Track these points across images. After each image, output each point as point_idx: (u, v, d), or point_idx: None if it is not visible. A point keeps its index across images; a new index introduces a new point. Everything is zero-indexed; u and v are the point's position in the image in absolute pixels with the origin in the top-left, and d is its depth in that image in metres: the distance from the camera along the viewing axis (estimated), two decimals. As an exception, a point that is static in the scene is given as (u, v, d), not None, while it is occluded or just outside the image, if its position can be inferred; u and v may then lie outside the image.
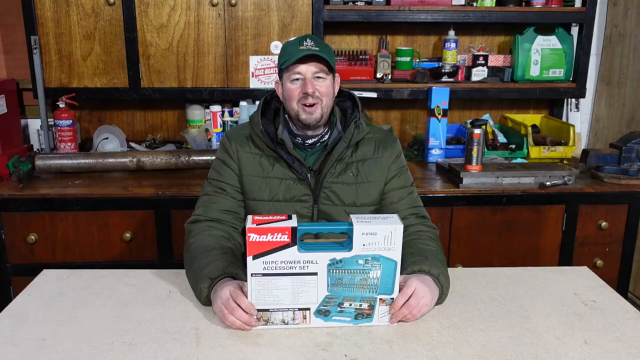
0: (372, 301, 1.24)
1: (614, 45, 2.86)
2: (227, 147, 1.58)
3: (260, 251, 1.18)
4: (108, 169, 2.38)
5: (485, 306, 1.32)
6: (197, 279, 1.33)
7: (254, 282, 1.21)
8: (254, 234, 1.16)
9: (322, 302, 1.23)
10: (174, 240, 2.24)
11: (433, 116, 2.58)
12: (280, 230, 1.16)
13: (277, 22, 2.46)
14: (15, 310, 1.29)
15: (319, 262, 1.19)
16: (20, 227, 2.18)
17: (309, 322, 1.25)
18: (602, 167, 2.39)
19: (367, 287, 1.23)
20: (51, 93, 2.48)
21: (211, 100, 2.63)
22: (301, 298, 1.22)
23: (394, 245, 1.20)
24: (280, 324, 1.25)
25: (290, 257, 1.19)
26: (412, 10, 2.52)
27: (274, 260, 1.19)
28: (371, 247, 1.19)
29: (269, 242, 1.17)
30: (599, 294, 1.39)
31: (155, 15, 2.42)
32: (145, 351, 1.13)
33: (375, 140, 1.58)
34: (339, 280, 1.21)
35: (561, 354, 1.13)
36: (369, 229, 1.18)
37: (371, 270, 1.21)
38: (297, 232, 1.17)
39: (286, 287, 1.21)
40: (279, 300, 1.23)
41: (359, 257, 1.20)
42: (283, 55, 1.51)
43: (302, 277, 1.21)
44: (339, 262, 1.20)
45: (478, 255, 2.32)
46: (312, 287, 1.22)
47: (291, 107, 1.51)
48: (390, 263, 1.21)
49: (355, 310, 1.24)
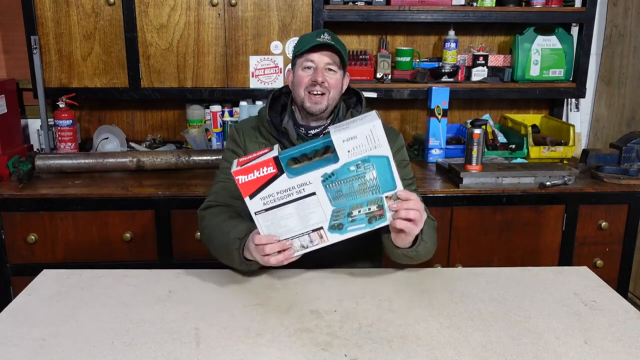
0: (379, 201, 1.23)
1: (614, 45, 2.86)
2: (236, 138, 1.64)
3: (253, 189, 1.19)
4: (108, 169, 2.38)
5: (485, 306, 1.32)
6: (226, 246, 1.37)
7: (260, 219, 1.23)
8: (241, 175, 1.18)
9: (331, 218, 1.23)
10: (174, 240, 2.24)
11: (433, 116, 2.58)
12: (263, 164, 1.17)
13: (277, 22, 2.46)
14: (15, 310, 1.29)
15: (312, 181, 1.19)
16: (20, 227, 2.18)
17: (327, 240, 1.26)
18: (602, 167, 2.39)
19: (368, 190, 1.21)
20: (51, 93, 2.48)
21: (211, 100, 2.63)
22: (310, 220, 1.23)
23: (378, 142, 1.17)
24: (300, 249, 1.27)
25: (284, 186, 1.19)
26: (412, 10, 2.52)
27: (270, 194, 1.20)
28: (357, 151, 1.17)
29: (257, 178, 1.18)
30: (599, 294, 1.39)
31: (155, 15, 2.42)
32: (145, 351, 1.13)
33: None
34: (339, 192, 1.21)
35: (561, 354, 1.13)
36: (347, 134, 1.16)
37: (366, 173, 1.20)
38: (280, 161, 1.17)
39: (292, 215, 1.22)
40: (290, 229, 1.24)
41: (349, 164, 1.19)
42: (299, 44, 1.56)
43: (303, 201, 1.21)
44: (332, 175, 1.19)
45: (478, 255, 2.32)
46: (316, 206, 1.22)
47: (298, 93, 1.55)
48: (381, 160, 1.19)
49: (366, 215, 1.24)
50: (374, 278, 1.44)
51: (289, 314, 1.27)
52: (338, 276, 1.44)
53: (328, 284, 1.41)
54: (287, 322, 1.24)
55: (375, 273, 1.46)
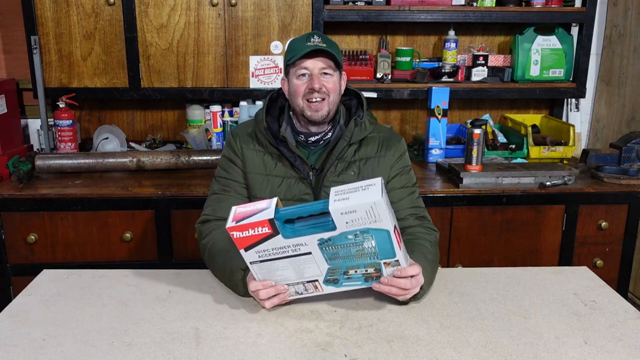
0: (377, 265, 1.22)
1: (614, 45, 2.86)
2: (233, 145, 1.59)
3: (248, 244, 1.19)
4: (108, 169, 2.38)
5: (485, 306, 1.32)
6: (229, 273, 1.36)
7: (256, 268, 1.24)
8: (236, 231, 1.17)
9: (327, 274, 1.23)
10: (174, 240, 2.24)
11: (433, 116, 2.58)
12: (258, 224, 1.16)
13: (277, 22, 2.46)
14: (15, 310, 1.29)
15: (308, 243, 1.18)
16: (20, 227, 2.18)
17: (322, 290, 1.26)
18: (602, 167, 2.39)
19: (366, 256, 1.19)
20: (51, 93, 2.48)
21: (211, 100, 2.63)
22: (305, 273, 1.23)
23: (379, 217, 1.12)
24: (294, 295, 1.27)
25: (279, 244, 1.18)
26: (412, 10, 2.52)
27: (265, 249, 1.19)
28: (355, 223, 1.13)
29: (252, 236, 1.17)
30: (599, 294, 1.39)
31: (155, 15, 2.42)
32: (145, 351, 1.13)
33: (379, 139, 1.58)
34: (335, 254, 1.19)
35: (561, 354, 1.13)
36: (346, 207, 1.11)
37: (364, 241, 1.17)
38: (275, 222, 1.16)
39: (287, 267, 1.22)
40: (285, 278, 1.25)
41: (347, 233, 1.15)
42: (290, 51, 1.51)
43: (298, 258, 1.20)
44: (328, 240, 1.17)
45: (478, 255, 2.32)
46: (312, 263, 1.21)
47: (296, 103, 1.51)
48: (381, 232, 1.15)
49: (362, 275, 1.23)
50: (374, 278, 1.44)
51: (289, 314, 1.27)
52: (338, 276, 1.44)
53: (328, 284, 1.41)
54: (287, 322, 1.24)
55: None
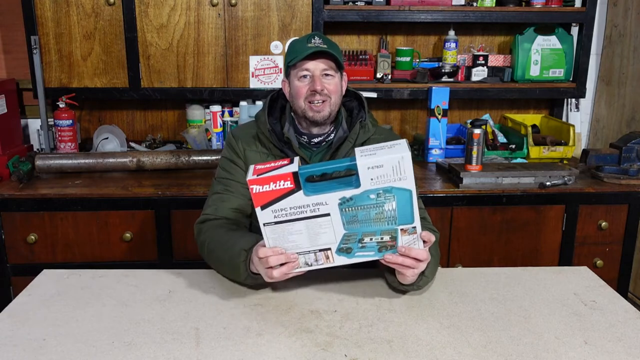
0: (393, 232, 1.19)
1: (614, 45, 2.86)
2: (234, 146, 1.57)
3: (266, 201, 1.14)
4: (108, 169, 2.38)
5: (485, 306, 1.32)
6: (230, 259, 1.33)
7: (268, 231, 1.19)
8: (256, 184, 1.13)
9: (341, 241, 1.19)
10: (174, 240, 2.24)
11: (433, 116, 2.58)
12: (281, 177, 1.12)
13: (277, 22, 2.46)
14: (15, 310, 1.29)
15: (328, 202, 1.14)
16: (20, 227, 2.18)
17: (333, 261, 1.22)
18: (602, 167, 2.39)
19: (385, 220, 1.16)
20: (51, 93, 2.48)
21: (211, 100, 2.63)
22: (319, 239, 1.19)
23: (404, 174, 1.11)
24: (303, 266, 1.23)
25: (298, 202, 1.14)
26: (412, 10, 2.52)
27: (283, 208, 1.15)
28: (380, 180, 1.11)
29: (273, 191, 1.13)
30: (599, 294, 1.39)
31: (155, 15, 2.42)
32: (145, 351, 1.13)
33: (380, 142, 1.57)
34: (354, 217, 1.16)
35: (561, 354, 1.13)
36: (374, 161, 1.10)
37: (385, 202, 1.14)
38: (299, 177, 1.12)
39: (301, 232, 1.18)
40: (297, 245, 1.20)
41: (369, 192, 1.12)
42: (291, 53, 1.50)
43: (315, 220, 1.16)
44: (349, 200, 1.14)
45: (478, 255, 2.32)
46: (328, 227, 1.17)
47: (298, 105, 1.51)
48: (404, 193, 1.13)
49: (377, 243, 1.20)
50: (374, 278, 1.44)
51: (289, 314, 1.27)
52: (338, 276, 1.44)
53: (328, 284, 1.41)
54: (287, 322, 1.24)
55: (375, 273, 1.46)
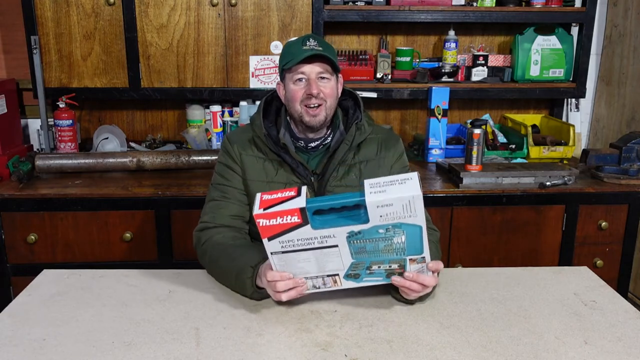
0: (402, 262, 1.19)
1: (614, 45, 2.86)
2: (230, 151, 1.55)
3: (273, 233, 1.14)
4: (108, 169, 2.38)
5: (485, 306, 1.32)
6: (236, 273, 1.32)
7: (276, 259, 1.19)
8: (263, 219, 1.13)
9: (349, 268, 1.19)
10: (174, 240, 2.24)
11: (433, 116, 2.58)
12: (288, 212, 1.12)
13: (277, 22, 2.46)
14: (15, 310, 1.29)
15: (336, 235, 1.14)
16: (20, 227, 2.18)
17: (341, 285, 1.23)
18: (602, 167, 2.39)
19: (393, 251, 1.17)
20: (51, 93, 2.48)
21: (211, 100, 2.63)
22: (327, 266, 1.20)
23: (414, 212, 1.09)
24: (312, 289, 1.23)
25: (306, 235, 1.14)
26: (412, 10, 2.52)
27: (290, 239, 1.15)
28: (389, 217, 1.10)
29: (280, 224, 1.13)
30: (599, 294, 1.39)
31: (155, 15, 2.42)
32: (145, 351, 1.13)
33: (378, 141, 1.57)
34: (362, 248, 1.16)
35: (561, 354, 1.13)
36: (384, 200, 1.08)
37: (395, 236, 1.14)
38: (306, 212, 1.12)
39: (309, 260, 1.18)
40: (306, 271, 1.21)
41: (378, 227, 1.12)
42: (286, 56, 1.48)
43: (323, 250, 1.17)
44: (358, 234, 1.13)
45: (478, 255, 2.32)
46: (336, 257, 1.18)
47: (294, 109, 1.49)
48: (414, 228, 1.12)
49: (385, 270, 1.20)
50: (374, 278, 1.44)
51: (289, 314, 1.27)
52: (338, 276, 1.44)
53: (328, 284, 1.41)
54: (287, 322, 1.24)
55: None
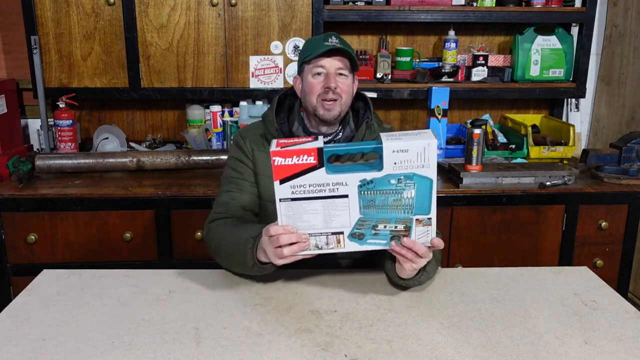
0: (408, 222, 1.18)
1: (614, 45, 2.86)
2: (242, 146, 1.56)
3: (287, 175, 1.13)
4: (108, 169, 2.38)
5: (485, 306, 1.32)
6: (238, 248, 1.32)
7: (283, 207, 1.18)
8: (279, 157, 1.12)
9: (355, 225, 1.19)
10: (174, 240, 2.24)
11: (433, 116, 2.58)
12: (305, 152, 1.12)
13: (277, 22, 2.46)
14: (15, 310, 1.29)
15: (348, 183, 1.14)
16: (20, 227, 2.18)
17: (344, 246, 1.22)
18: (602, 167, 2.39)
19: (401, 208, 1.17)
20: (51, 93, 2.48)
21: (211, 100, 2.63)
22: (333, 222, 1.19)
23: (428, 162, 1.11)
24: (313, 249, 1.22)
25: (319, 180, 1.14)
26: (412, 10, 2.52)
27: (302, 184, 1.14)
28: (403, 165, 1.11)
29: (295, 164, 1.12)
30: (599, 294, 1.39)
31: (155, 15, 2.42)
32: (145, 351, 1.13)
33: None
34: (372, 202, 1.16)
35: (561, 354, 1.13)
36: (400, 145, 1.10)
37: (405, 189, 1.14)
38: (323, 153, 1.12)
39: (317, 211, 1.17)
40: (311, 225, 1.19)
41: (391, 177, 1.13)
42: (307, 49, 1.51)
43: (332, 200, 1.16)
44: (370, 183, 1.14)
45: (478, 255, 2.32)
46: (344, 210, 1.17)
47: (310, 101, 1.50)
48: (425, 181, 1.13)
49: (390, 232, 1.20)
50: (374, 278, 1.44)
51: (289, 314, 1.27)
52: (338, 276, 1.44)
53: (328, 284, 1.41)
54: (287, 322, 1.24)
55: (375, 273, 1.46)
